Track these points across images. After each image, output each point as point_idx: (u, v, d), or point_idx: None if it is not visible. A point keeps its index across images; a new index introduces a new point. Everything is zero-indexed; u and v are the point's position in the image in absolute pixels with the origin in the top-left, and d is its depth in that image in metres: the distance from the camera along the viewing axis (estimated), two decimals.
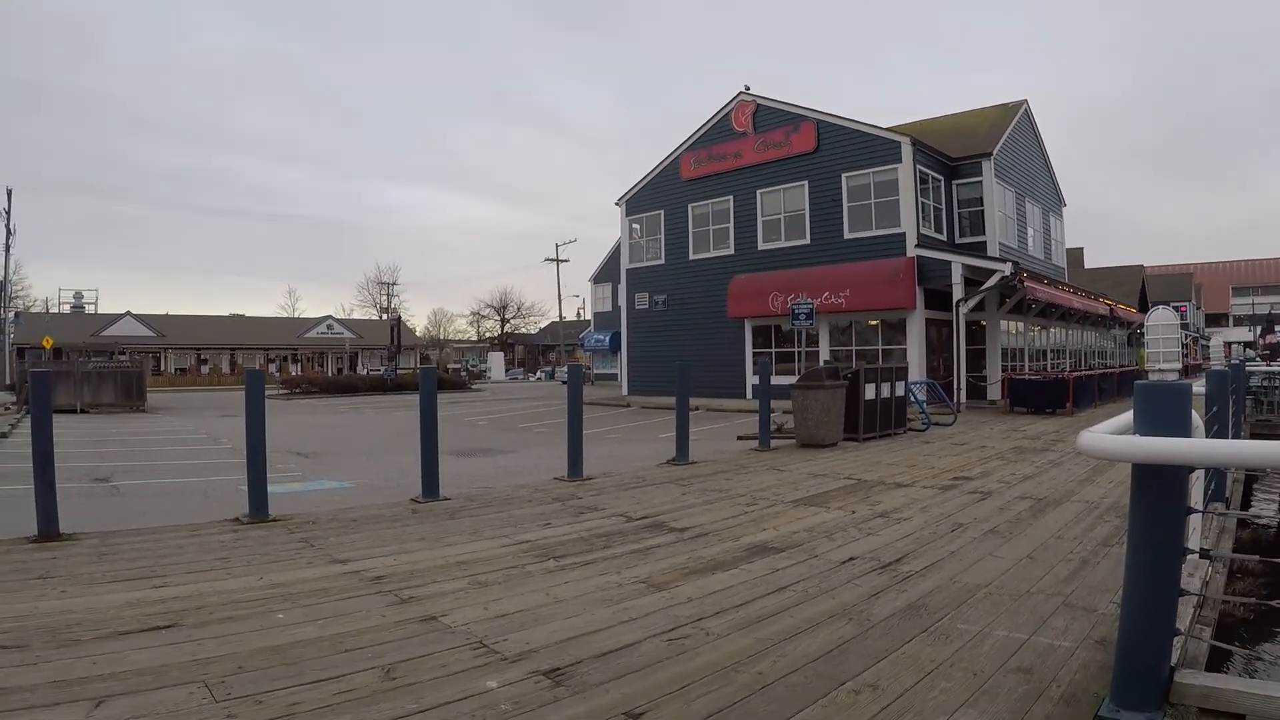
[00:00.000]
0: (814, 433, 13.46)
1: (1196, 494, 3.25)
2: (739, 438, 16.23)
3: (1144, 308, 51.27)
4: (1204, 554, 5.47)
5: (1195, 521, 5.37)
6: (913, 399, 17.05)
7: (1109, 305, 31.93)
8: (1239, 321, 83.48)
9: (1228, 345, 17.59)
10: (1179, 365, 3.33)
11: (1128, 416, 3.41)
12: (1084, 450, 3.05)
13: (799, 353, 25.39)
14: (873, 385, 14.76)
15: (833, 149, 26.00)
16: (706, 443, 15.15)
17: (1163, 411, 3.11)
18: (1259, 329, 45.21)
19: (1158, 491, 3.08)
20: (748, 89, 28.67)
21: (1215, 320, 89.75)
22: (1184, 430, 3.08)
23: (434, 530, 7.12)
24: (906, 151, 24.20)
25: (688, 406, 12.30)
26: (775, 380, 15.12)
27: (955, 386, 22.46)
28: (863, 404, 14.43)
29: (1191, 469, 3.11)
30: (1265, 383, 21.74)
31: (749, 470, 11.13)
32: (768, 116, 27.89)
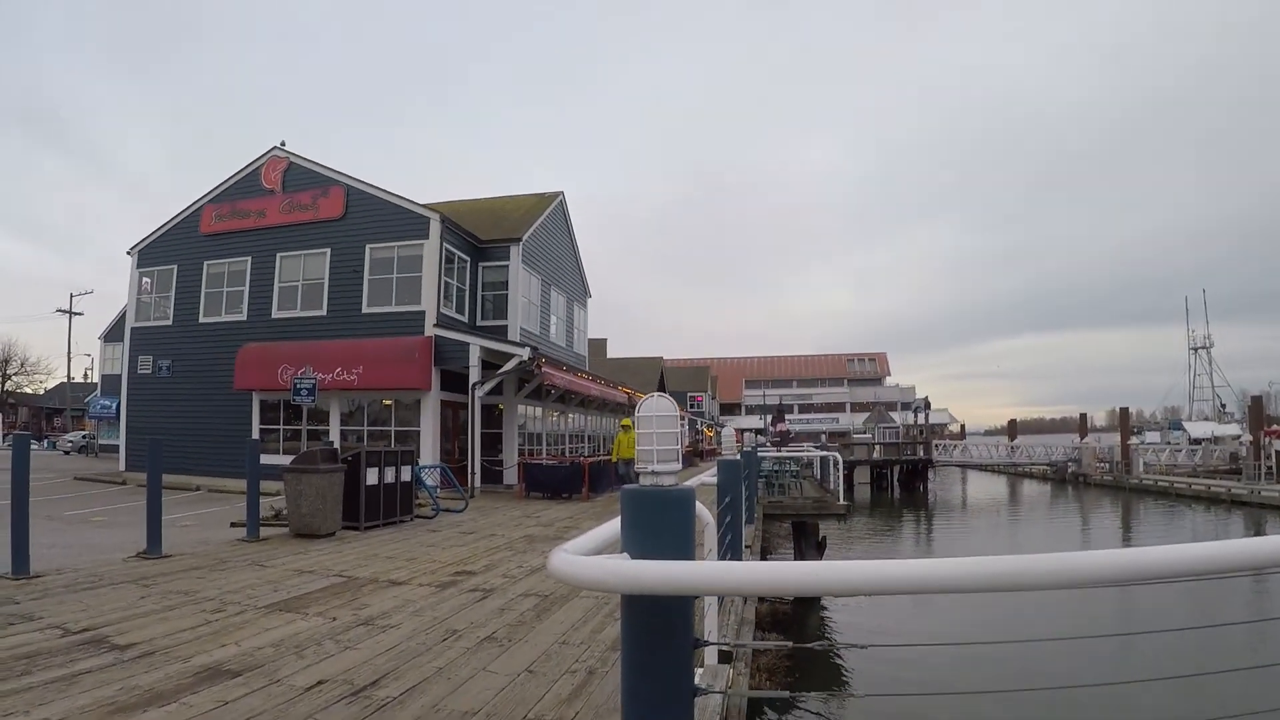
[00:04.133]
0: (309, 521, 12.12)
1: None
2: (232, 524, 14.36)
3: None
4: (724, 658, 5.23)
5: (711, 622, 5.08)
6: (422, 484, 16.33)
7: (627, 393, 34.13)
8: (751, 410, 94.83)
9: (739, 432, 19.05)
10: (677, 466, 2.73)
11: (615, 525, 2.74)
12: (557, 576, 2.24)
13: (304, 431, 23.83)
14: (375, 469, 13.70)
15: (361, 217, 25.04)
16: (198, 530, 13.50)
17: (658, 524, 2.46)
18: (769, 417, 50.61)
19: (655, 625, 2.39)
20: (283, 144, 26.82)
21: (730, 409, 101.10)
22: (685, 547, 2.47)
23: None
24: (435, 228, 23.95)
25: (159, 487, 10.66)
26: (278, 460, 13.65)
27: (470, 471, 22.19)
28: (364, 489, 13.31)
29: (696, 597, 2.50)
30: (775, 468, 24.28)
31: (228, 566, 9.67)
32: (299, 176, 26.20)
